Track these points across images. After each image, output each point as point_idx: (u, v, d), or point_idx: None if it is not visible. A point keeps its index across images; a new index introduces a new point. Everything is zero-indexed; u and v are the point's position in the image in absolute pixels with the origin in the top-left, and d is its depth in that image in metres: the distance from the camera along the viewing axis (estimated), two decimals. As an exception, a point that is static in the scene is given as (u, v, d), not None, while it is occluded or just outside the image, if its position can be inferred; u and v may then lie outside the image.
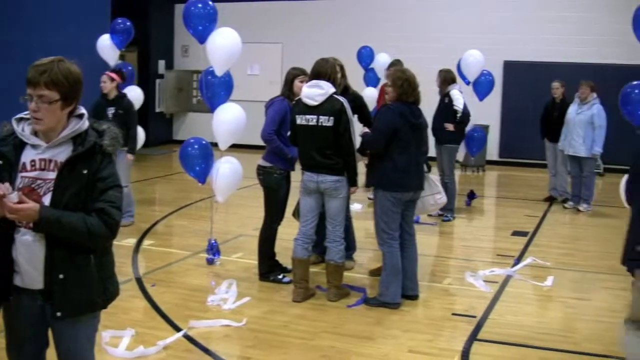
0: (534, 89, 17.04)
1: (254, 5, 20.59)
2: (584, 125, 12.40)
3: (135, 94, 11.41)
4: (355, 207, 11.01)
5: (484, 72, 12.69)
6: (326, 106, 7.19)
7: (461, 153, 12.93)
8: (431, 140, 11.08)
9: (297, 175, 7.82)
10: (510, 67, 18.28)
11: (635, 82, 8.63)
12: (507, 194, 14.96)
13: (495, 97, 16.54)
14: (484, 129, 14.63)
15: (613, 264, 9.11)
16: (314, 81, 7.31)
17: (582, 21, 17.78)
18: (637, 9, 8.42)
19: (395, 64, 11.76)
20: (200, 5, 8.58)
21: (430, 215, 11.44)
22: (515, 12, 18.41)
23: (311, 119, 7.23)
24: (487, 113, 16.14)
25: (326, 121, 7.16)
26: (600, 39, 16.87)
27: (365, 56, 14.54)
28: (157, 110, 21.10)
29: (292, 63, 8.57)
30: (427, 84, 11.62)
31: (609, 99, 10.24)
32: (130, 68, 12.38)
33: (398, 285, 7.40)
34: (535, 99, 15.72)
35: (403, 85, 7.27)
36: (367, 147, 7.51)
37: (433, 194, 8.03)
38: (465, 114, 11.35)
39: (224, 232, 10.18)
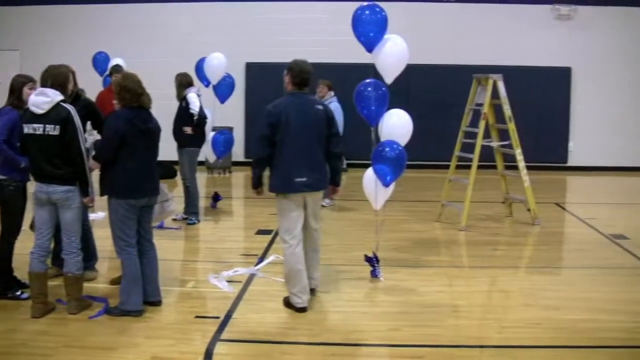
0: (275, 89, 17.28)
1: (-14, 10, 19.71)
2: (323, 122, 12.79)
3: None
4: (98, 215, 10.80)
5: (225, 75, 12.79)
6: (52, 114, 7.01)
7: (212, 155, 12.99)
8: (174, 144, 11.17)
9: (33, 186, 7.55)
10: (252, 69, 18.57)
11: (368, 80, 8.96)
12: (253, 194, 15.11)
13: (238, 99, 16.77)
14: (230, 130, 14.77)
15: (353, 255, 9.56)
16: (41, 89, 7.13)
17: (318, 22, 18.35)
18: (355, 10, 8.80)
19: (117, 69, 11.58)
20: None
21: (174, 220, 11.44)
22: (254, 14, 18.72)
23: (38, 128, 7.02)
24: (230, 115, 16.30)
25: (52, 130, 6.98)
26: (337, 39, 17.42)
27: (101, 62, 14.27)
28: None
29: (30, 70, 8.24)
30: (166, 88, 11.71)
31: (348, 97, 10.36)
32: None
33: (139, 293, 7.33)
34: (277, 99, 16.00)
35: (121, 92, 7.21)
36: (98, 155, 7.37)
37: (161, 202, 7.96)
38: (202, 116, 11.38)
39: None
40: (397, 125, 9.00)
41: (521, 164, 11.96)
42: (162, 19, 18.95)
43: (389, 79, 8.94)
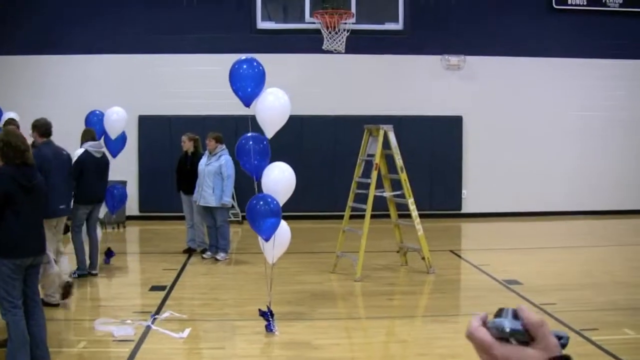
0: (169, 142, 17.27)
1: None
2: (213, 176, 12.79)
3: None
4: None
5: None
6: None
7: (103, 210, 12.74)
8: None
9: None
10: (145, 122, 18.38)
11: (249, 134, 8.97)
12: (148, 248, 14.94)
13: (131, 152, 16.55)
14: (123, 184, 14.54)
15: (248, 309, 9.46)
16: None
17: (211, 75, 18.28)
18: (232, 65, 8.83)
19: (11, 122, 11.33)
20: None
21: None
22: (146, 67, 18.58)
23: None
24: (124, 168, 16.06)
25: None
26: (229, 91, 17.39)
27: (-10, 116, 13.90)
28: None
29: None
30: (60, 141, 11.52)
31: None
32: None
33: (26, 356, 7.03)
34: (171, 152, 15.96)
35: (3, 148, 6.99)
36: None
37: (44, 264, 7.72)
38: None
39: None
40: (278, 178, 9.04)
41: (414, 213, 12.08)
42: (55, 71, 18.57)
43: (269, 133, 8.97)
